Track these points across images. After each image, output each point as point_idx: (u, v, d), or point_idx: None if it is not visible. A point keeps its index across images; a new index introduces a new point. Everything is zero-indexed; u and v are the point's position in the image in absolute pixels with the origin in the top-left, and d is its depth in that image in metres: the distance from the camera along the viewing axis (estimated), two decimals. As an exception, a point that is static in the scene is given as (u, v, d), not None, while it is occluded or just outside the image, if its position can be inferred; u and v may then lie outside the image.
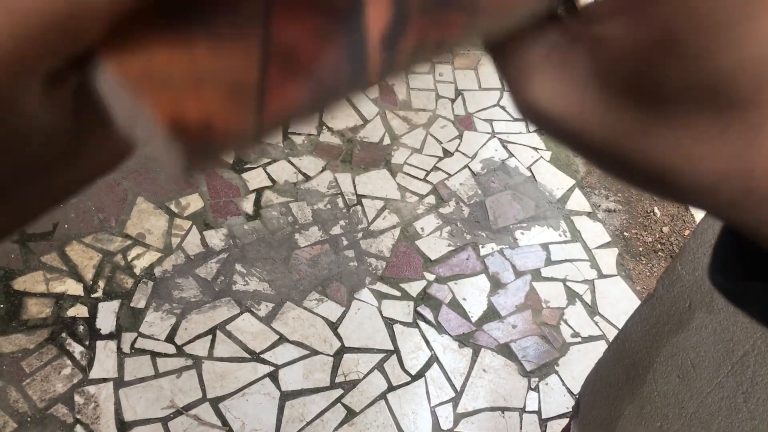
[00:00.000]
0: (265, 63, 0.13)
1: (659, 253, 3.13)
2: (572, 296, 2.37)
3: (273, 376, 2.05)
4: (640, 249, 3.12)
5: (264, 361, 2.08)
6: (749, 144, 0.20)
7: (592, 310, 2.35)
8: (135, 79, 0.12)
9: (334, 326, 2.18)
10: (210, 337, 2.10)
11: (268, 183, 2.50)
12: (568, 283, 2.40)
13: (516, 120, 2.88)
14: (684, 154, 0.20)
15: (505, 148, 2.77)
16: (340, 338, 2.16)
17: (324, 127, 2.70)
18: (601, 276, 2.44)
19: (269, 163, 2.56)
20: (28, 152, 0.16)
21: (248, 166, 2.53)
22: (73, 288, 2.14)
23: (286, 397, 2.02)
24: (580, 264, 2.46)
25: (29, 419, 1.88)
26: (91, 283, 2.16)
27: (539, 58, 0.21)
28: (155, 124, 0.12)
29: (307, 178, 2.54)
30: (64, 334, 2.04)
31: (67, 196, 0.20)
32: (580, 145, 0.22)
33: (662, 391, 1.05)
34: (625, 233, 3.15)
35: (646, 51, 0.19)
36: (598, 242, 2.54)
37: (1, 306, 2.07)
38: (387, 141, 2.71)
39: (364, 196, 2.52)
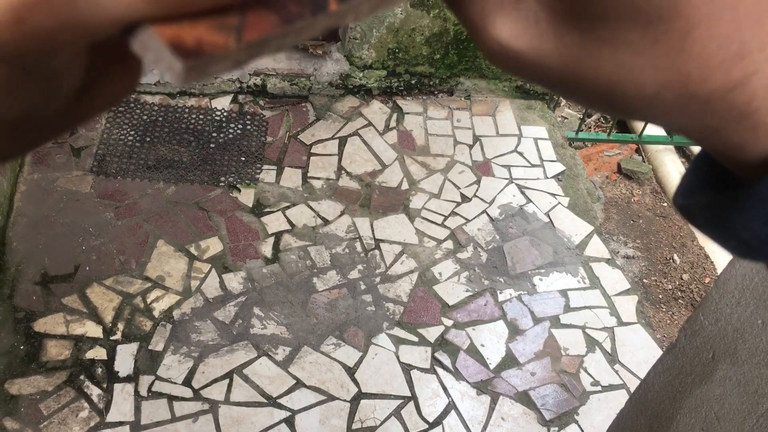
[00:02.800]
0: (244, 11, 0.19)
1: (679, 300, 3.09)
2: (591, 344, 2.34)
3: (289, 422, 2.04)
4: (660, 296, 3.09)
5: (280, 406, 2.07)
6: (679, 52, 0.22)
7: (612, 358, 2.32)
8: (157, 28, 0.19)
9: (351, 371, 2.17)
10: (227, 380, 2.10)
11: (287, 227, 2.52)
12: (587, 331, 2.38)
13: (533, 166, 2.90)
14: (625, 69, 0.23)
15: (523, 193, 2.78)
16: (357, 384, 2.15)
17: (343, 172, 2.73)
18: (621, 323, 2.42)
19: (288, 207, 2.58)
20: (56, 91, 0.22)
21: (267, 209, 2.56)
22: (93, 330, 2.15)
23: (302, 443, 2.00)
24: (599, 311, 2.44)
25: (45, 462, 1.88)
26: (110, 325, 2.17)
27: (496, 1, 0.24)
28: (162, 46, 0.19)
29: (326, 222, 2.56)
30: (82, 377, 2.05)
31: (76, 124, 0.26)
32: (541, 76, 0.24)
33: (686, 443, 1.03)
34: (645, 280, 3.12)
35: None
36: (617, 289, 2.52)
37: (21, 347, 2.08)
38: (405, 186, 2.73)
39: (383, 241, 2.53)
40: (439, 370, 2.21)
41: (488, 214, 2.69)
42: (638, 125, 3.40)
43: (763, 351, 0.90)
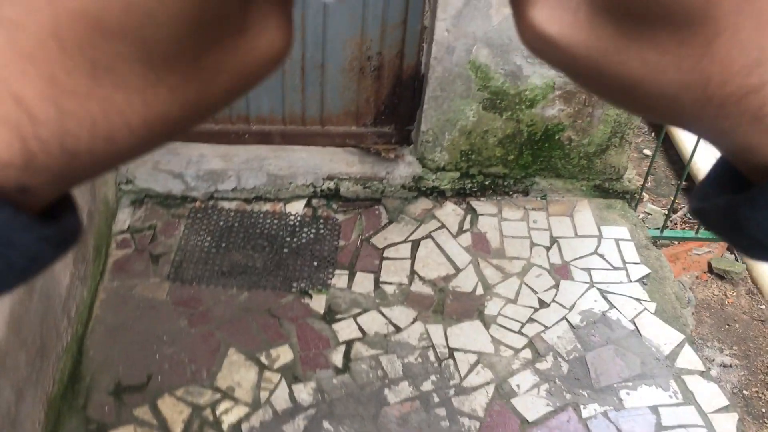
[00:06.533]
0: None
1: (786, 414, 2.81)
2: (688, 468, 2.14)
3: None
4: (764, 410, 2.82)
5: None
6: (703, 55, 0.23)
7: (713, 485, 2.10)
8: None
9: (423, 494, 2.05)
10: (294, 502, 2.01)
11: (359, 335, 2.46)
12: (682, 453, 2.18)
13: (616, 269, 2.76)
14: (650, 67, 0.24)
15: (605, 298, 2.64)
16: None
17: (415, 276, 2.68)
18: (721, 445, 2.20)
19: (360, 314, 2.53)
20: (213, 13, 0.22)
21: (339, 316, 2.52)
22: (161, 443, 2.12)
23: None
24: (695, 431, 2.23)
25: None
26: (178, 438, 2.14)
27: None
28: None
29: (398, 329, 2.49)
30: (148, 494, 2.01)
31: (234, 89, 0.25)
32: (567, 64, 0.25)
33: None
34: (745, 392, 2.87)
35: None
36: (714, 406, 2.31)
37: (91, 461, 2.07)
38: (480, 291, 2.64)
39: (457, 350, 2.43)
40: (519, 495, 2.06)
41: (568, 321, 2.55)
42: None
43: None
